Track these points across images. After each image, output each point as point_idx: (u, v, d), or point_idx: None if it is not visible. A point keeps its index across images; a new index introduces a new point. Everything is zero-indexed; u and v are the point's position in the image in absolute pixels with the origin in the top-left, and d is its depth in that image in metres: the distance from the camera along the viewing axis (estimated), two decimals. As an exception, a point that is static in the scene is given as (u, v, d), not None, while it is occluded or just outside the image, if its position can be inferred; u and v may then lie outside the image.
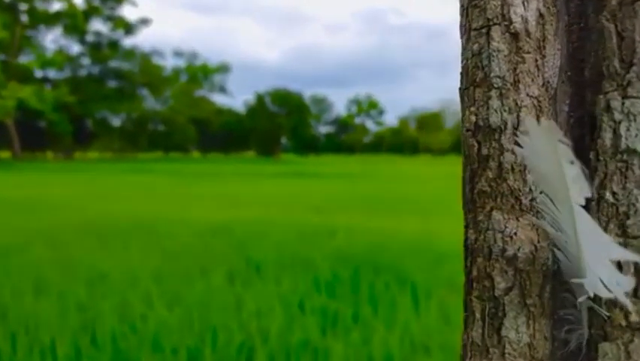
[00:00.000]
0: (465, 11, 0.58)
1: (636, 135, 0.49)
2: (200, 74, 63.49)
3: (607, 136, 0.52)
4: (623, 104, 0.51)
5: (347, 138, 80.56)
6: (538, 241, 0.55)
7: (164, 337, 3.33)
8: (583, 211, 0.49)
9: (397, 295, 4.53)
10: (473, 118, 0.58)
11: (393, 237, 7.19)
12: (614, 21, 0.52)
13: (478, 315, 0.58)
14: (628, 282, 0.49)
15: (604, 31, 0.53)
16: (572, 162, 0.46)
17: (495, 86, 0.56)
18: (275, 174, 25.61)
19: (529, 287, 0.55)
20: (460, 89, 0.61)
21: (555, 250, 0.55)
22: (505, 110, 0.55)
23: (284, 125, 68.97)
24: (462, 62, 0.60)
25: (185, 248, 6.25)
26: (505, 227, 0.56)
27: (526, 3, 0.55)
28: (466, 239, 0.60)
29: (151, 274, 4.90)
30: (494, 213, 0.56)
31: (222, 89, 66.09)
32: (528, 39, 0.55)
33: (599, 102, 0.54)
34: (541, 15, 0.55)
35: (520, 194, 0.55)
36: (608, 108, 0.52)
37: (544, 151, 0.47)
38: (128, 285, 4.55)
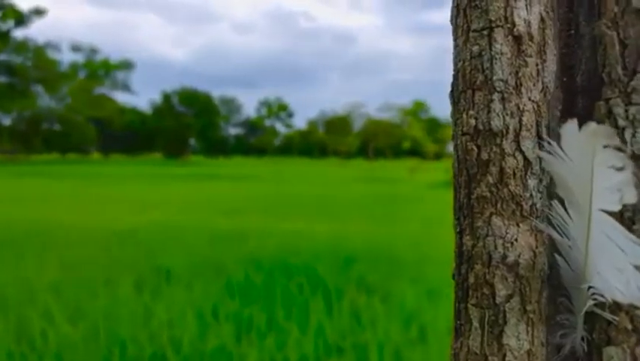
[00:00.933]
0: (462, 12, 0.56)
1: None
2: (101, 70, 59.89)
3: None
4: (626, 110, 0.51)
5: (257, 140, 79.85)
6: (537, 247, 0.55)
7: (68, 354, 3.13)
8: (608, 217, 0.48)
9: (310, 298, 4.58)
10: (472, 122, 0.56)
11: (304, 239, 7.24)
12: (616, 29, 0.52)
13: (476, 323, 0.56)
14: None
15: (603, 38, 0.53)
16: (620, 168, 0.45)
17: (497, 89, 0.54)
18: (183, 177, 24.80)
19: (529, 293, 0.55)
20: (453, 91, 0.59)
21: (556, 255, 0.55)
22: (507, 114, 0.54)
23: (192, 125, 66.95)
24: (456, 63, 0.58)
25: (86, 257, 5.88)
26: (506, 233, 0.54)
27: (529, 6, 0.54)
28: (460, 246, 0.58)
29: (49, 287, 4.56)
30: (494, 218, 0.55)
31: (125, 87, 62.82)
32: (531, 43, 0.54)
33: (598, 108, 0.54)
34: (542, 19, 0.54)
35: (521, 199, 0.54)
36: (610, 115, 0.52)
37: (578, 157, 0.47)
38: (25, 300, 4.22)
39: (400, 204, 12.39)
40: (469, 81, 0.56)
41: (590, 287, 0.52)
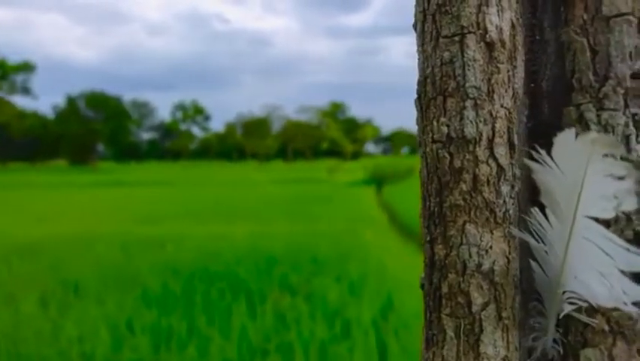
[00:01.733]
0: (431, 17, 0.55)
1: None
2: (-2, 72, 55.46)
3: None
4: (598, 116, 0.53)
5: (172, 145, 77.52)
6: (510, 253, 0.55)
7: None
8: (595, 224, 0.49)
9: (232, 302, 4.49)
10: (444, 129, 0.55)
11: (224, 243, 7.11)
12: (586, 35, 0.53)
13: (451, 333, 0.55)
14: (638, 291, 0.49)
15: (572, 44, 0.54)
16: (620, 177, 0.46)
17: (470, 96, 0.54)
18: (91, 184, 23.49)
19: (504, 300, 0.55)
20: (419, 98, 0.58)
21: (531, 261, 0.56)
22: (480, 121, 0.54)
23: (100, 130, 63.63)
24: (424, 69, 0.57)
25: (-17, 273, 5.38)
26: (481, 241, 0.54)
27: (500, 12, 0.54)
28: (431, 255, 0.57)
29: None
30: (468, 226, 0.54)
31: (25, 91, 58.55)
32: (502, 49, 0.54)
33: (568, 114, 0.55)
34: (513, 25, 0.55)
35: (495, 206, 0.54)
36: (581, 120, 0.53)
37: (569, 165, 0.48)
38: None
39: (320, 204, 12.51)
40: (440, 88, 0.55)
41: (565, 291, 0.52)
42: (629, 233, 0.48)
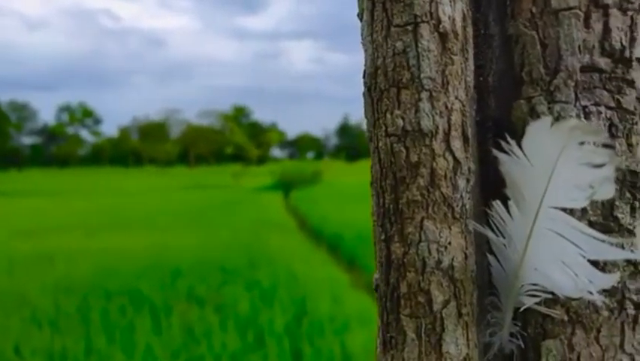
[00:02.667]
0: (381, 5, 0.53)
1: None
2: None
3: None
4: (549, 108, 0.53)
5: (58, 150, 72.06)
6: (467, 248, 0.54)
7: None
8: (563, 215, 0.49)
9: (135, 319, 4.24)
10: (400, 122, 0.53)
11: (124, 257, 6.72)
12: (535, 28, 0.54)
13: (412, 334, 0.53)
14: (606, 279, 0.50)
15: (521, 38, 0.54)
16: (598, 165, 0.45)
17: (426, 87, 0.52)
18: (-37, 196, 21.16)
19: (464, 296, 0.54)
20: (369, 90, 0.56)
21: (488, 254, 0.55)
22: (436, 114, 0.52)
23: (-26, 136, 57.65)
24: (374, 60, 0.55)
25: None
26: (440, 237, 0.53)
27: (453, 3, 0.53)
28: (387, 254, 0.55)
29: None
30: (426, 223, 0.53)
31: None
32: (455, 40, 0.53)
33: (518, 107, 0.55)
34: (464, 16, 0.54)
35: (453, 201, 0.53)
36: (532, 113, 0.54)
37: (540, 155, 0.46)
38: None
39: (226, 210, 12.26)
40: (393, 79, 0.53)
41: (523, 285, 0.52)
42: (584, 223, 0.49)
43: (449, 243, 0.53)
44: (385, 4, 0.53)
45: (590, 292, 0.48)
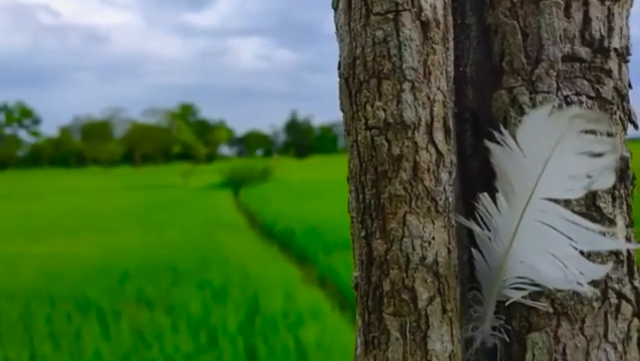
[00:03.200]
0: None
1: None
2: None
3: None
4: (531, 98, 0.52)
5: (-5, 152, 68.34)
6: (450, 242, 0.53)
7: None
8: (554, 206, 0.48)
9: (82, 325, 4.08)
10: (381, 114, 0.50)
11: (68, 261, 6.45)
12: (516, 18, 0.53)
13: (395, 333, 0.51)
14: (597, 270, 0.49)
15: (501, 27, 0.53)
16: (598, 154, 0.44)
17: (408, 78, 0.50)
18: None
19: (448, 292, 0.52)
20: (347, 82, 0.53)
21: (472, 248, 0.54)
22: (419, 105, 0.50)
23: None
24: (351, 50, 0.53)
25: None
26: (423, 232, 0.51)
27: None
28: (368, 252, 0.53)
29: None
30: (409, 218, 0.51)
31: None
32: (437, 29, 0.51)
33: (499, 98, 0.54)
34: (445, 5, 0.52)
35: (436, 194, 0.51)
36: (514, 103, 0.53)
37: (535, 145, 0.45)
38: None
39: (174, 210, 11.97)
40: (373, 69, 0.51)
41: (507, 278, 0.52)
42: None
43: (433, 238, 0.51)
44: (364, -9, 0.50)
45: (580, 284, 0.48)
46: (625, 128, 0.53)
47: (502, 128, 0.49)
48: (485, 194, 0.51)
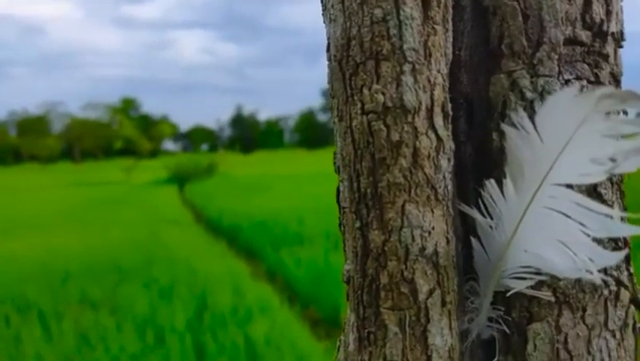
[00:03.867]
0: None
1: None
2: None
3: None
4: (532, 82, 0.51)
5: None
6: (448, 232, 0.51)
7: None
8: (568, 191, 0.47)
9: (22, 327, 3.88)
10: (380, 97, 0.48)
11: (6, 261, 6.13)
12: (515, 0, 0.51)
13: (394, 328, 0.49)
14: (611, 257, 0.48)
15: (500, 9, 0.52)
16: (626, 135, 0.42)
17: (409, 60, 0.47)
18: None
19: (447, 284, 0.50)
20: (339, 63, 0.50)
21: (472, 238, 0.52)
22: (419, 88, 0.48)
23: None
24: (346, 30, 0.49)
25: None
26: (423, 221, 0.49)
27: None
28: (364, 244, 0.50)
29: None
30: (408, 207, 0.48)
31: None
32: (438, 8, 0.49)
33: (498, 82, 0.52)
34: None
35: (436, 182, 0.49)
36: (514, 87, 0.51)
37: (557, 128, 0.44)
38: None
39: (117, 206, 11.56)
40: (371, 50, 0.48)
41: (507, 268, 0.51)
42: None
43: (432, 227, 0.49)
44: (361, -33, 0.47)
45: (589, 271, 0.47)
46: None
47: (520, 110, 0.47)
48: (492, 180, 0.50)
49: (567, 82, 0.50)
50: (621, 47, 0.52)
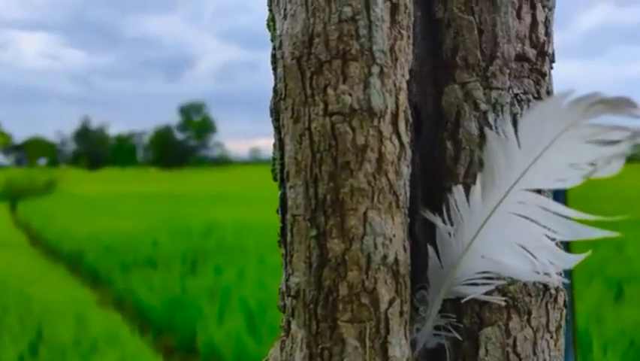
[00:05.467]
0: None
1: (505, 125, 0.50)
2: None
3: (472, 125, 0.52)
4: (485, 94, 0.52)
5: None
6: (405, 240, 0.50)
7: None
8: (536, 196, 0.48)
9: None
10: (347, 99, 0.46)
11: None
12: (471, 14, 0.52)
13: (353, 342, 0.47)
14: (569, 259, 0.49)
15: (454, 22, 0.53)
16: (610, 142, 0.43)
17: (377, 61, 0.47)
18: None
19: (404, 293, 0.49)
20: (298, 60, 0.48)
21: (429, 246, 0.52)
22: (386, 92, 0.47)
23: None
24: (308, 26, 0.47)
25: None
26: (385, 229, 0.47)
27: None
28: (321, 254, 0.48)
29: None
30: (371, 214, 0.47)
31: None
32: (405, 13, 0.48)
33: (451, 92, 0.53)
34: None
35: (397, 188, 0.48)
36: (468, 98, 0.52)
37: (535, 134, 0.45)
38: None
39: None
40: (338, 49, 0.47)
41: (460, 275, 0.51)
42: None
43: (394, 235, 0.48)
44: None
45: (548, 274, 0.49)
46: None
47: (506, 116, 0.49)
48: (459, 186, 0.50)
49: (516, 96, 0.53)
50: (552, 67, 0.57)
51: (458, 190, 0.50)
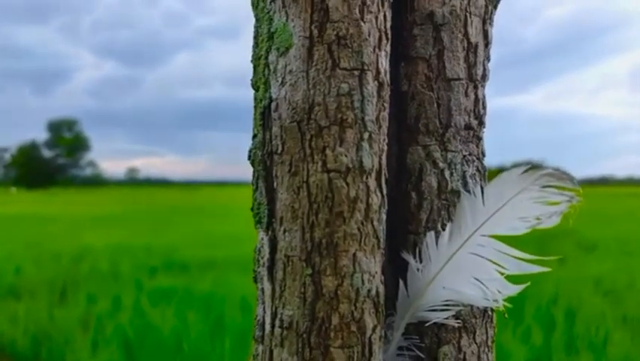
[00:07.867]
0: (326, 47, 0.56)
1: (457, 180, 0.64)
2: None
3: (432, 180, 0.64)
4: (442, 155, 0.64)
5: None
6: (381, 275, 0.59)
7: None
8: (492, 241, 0.60)
9: None
10: (344, 159, 0.56)
11: None
12: (431, 90, 0.64)
13: None
14: (513, 288, 0.61)
15: (417, 96, 0.65)
16: (553, 202, 0.57)
17: (368, 129, 0.57)
18: None
19: (381, 320, 0.59)
20: (298, 123, 0.57)
21: (400, 280, 0.62)
22: (374, 154, 0.57)
23: None
24: (309, 96, 0.56)
25: None
26: (369, 267, 0.57)
27: (386, 57, 0.59)
28: (316, 290, 0.56)
29: None
30: (359, 254, 0.56)
31: None
32: (387, 90, 0.59)
33: (415, 152, 0.65)
34: (386, 71, 0.60)
35: (379, 233, 0.58)
36: (429, 158, 0.64)
37: (497, 194, 0.59)
38: None
39: None
40: (336, 117, 0.56)
41: (424, 303, 0.62)
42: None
43: (376, 272, 0.58)
44: (332, 46, 0.56)
45: (496, 300, 0.61)
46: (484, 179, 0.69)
47: (477, 181, 0.62)
48: (432, 233, 0.61)
49: (464, 157, 0.66)
50: (484, 132, 0.71)
51: (430, 236, 0.61)
